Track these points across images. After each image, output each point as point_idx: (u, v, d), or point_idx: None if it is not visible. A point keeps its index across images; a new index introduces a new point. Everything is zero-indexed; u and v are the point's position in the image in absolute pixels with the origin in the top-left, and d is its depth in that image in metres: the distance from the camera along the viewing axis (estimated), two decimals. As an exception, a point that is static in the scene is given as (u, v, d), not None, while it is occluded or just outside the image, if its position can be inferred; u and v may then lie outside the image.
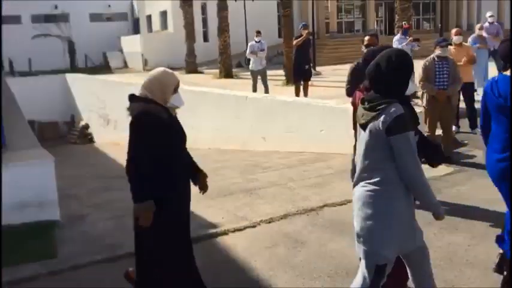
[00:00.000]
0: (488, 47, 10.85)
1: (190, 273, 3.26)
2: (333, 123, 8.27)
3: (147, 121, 2.96)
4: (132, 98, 3.10)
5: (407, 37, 11.00)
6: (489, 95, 3.36)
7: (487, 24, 12.59)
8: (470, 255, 4.02)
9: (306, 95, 11.85)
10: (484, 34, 11.00)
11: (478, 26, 11.60)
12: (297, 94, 11.86)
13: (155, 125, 2.97)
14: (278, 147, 9.08)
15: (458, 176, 6.10)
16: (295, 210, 5.21)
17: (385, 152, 2.60)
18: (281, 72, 16.31)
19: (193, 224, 5.09)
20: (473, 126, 8.25)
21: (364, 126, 2.68)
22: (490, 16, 12.61)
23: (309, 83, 12.16)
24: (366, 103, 2.68)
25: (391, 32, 26.99)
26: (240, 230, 4.82)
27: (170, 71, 3.23)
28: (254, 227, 4.88)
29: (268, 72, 13.18)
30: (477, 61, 8.80)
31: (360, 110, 2.73)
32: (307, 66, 12.01)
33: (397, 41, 10.99)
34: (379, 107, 2.59)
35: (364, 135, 2.69)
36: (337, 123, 8.16)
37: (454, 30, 8.56)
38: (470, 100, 8.29)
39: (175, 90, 3.14)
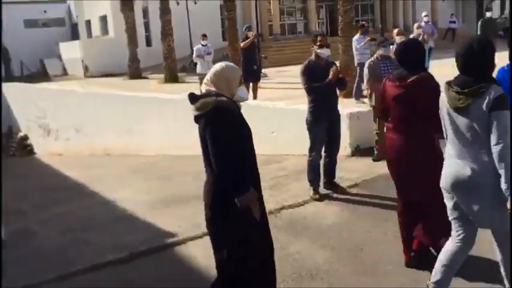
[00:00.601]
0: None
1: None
2: (283, 125, 8.30)
3: (227, 113, 2.88)
4: (193, 96, 2.99)
5: (366, 37, 11.26)
6: (503, 83, 3.49)
7: (423, 23, 13.12)
8: (428, 249, 4.10)
9: (255, 96, 11.90)
10: (421, 32, 11.44)
11: (416, 25, 12.04)
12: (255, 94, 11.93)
13: (234, 116, 2.93)
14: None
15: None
16: (253, 214, 5.15)
17: (485, 132, 2.73)
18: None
19: (149, 234, 4.96)
20: None
21: (462, 109, 2.80)
22: (425, 16, 13.12)
23: (258, 84, 12.19)
24: (460, 87, 2.82)
25: (333, 33, 27.61)
26: (198, 237, 4.70)
27: (232, 63, 3.21)
28: (213, 233, 4.77)
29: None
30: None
31: (453, 94, 2.84)
32: (255, 67, 12.08)
33: (356, 41, 11.22)
34: (481, 90, 2.73)
35: (461, 118, 2.82)
36: (288, 125, 8.20)
37: (395, 31, 8.82)
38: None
39: (240, 83, 3.13)
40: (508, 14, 38.52)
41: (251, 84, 11.88)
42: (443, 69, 13.81)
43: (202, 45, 12.42)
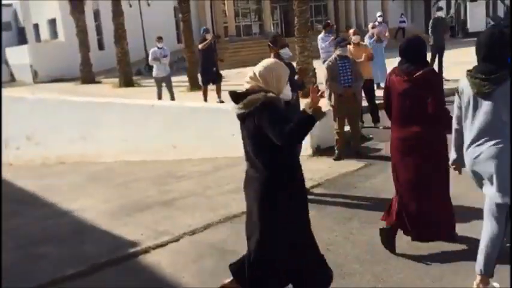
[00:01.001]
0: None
1: None
2: (244, 127, 8.24)
3: (278, 107, 2.92)
4: (237, 95, 3.01)
5: (331, 36, 11.45)
6: None
7: (377, 23, 13.38)
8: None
9: (219, 96, 11.92)
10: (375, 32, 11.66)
11: (370, 24, 12.26)
12: (206, 98, 11.83)
13: (282, 112, 2.92)
14: (190, 155, 8.87)
15: (369, 169, 6.34)
16: (218, 219, 5.07)
17: (508, 114, 3.01)
18: (184, 78, 16.06)
19: (110, 245, 4.78)
20: (375, 120, 8.67)
21: (488, 95, 3.05)
22: (379, 16, 13.40)
23: (217, 86, 12.15)
24: (484, 75, 3.06)
25: (288, 34, 27.79)
26: (162, 245, 4.58)
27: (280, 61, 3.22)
28: (177, 240, 4.66)
29: (171, 79, 12.89)
30: (375, 57, 9.27)
31: (477, 81, 3.07)
32: (214, 69, 12.10)
33: (321, 39, 11.36)
34: (505, 77, 3.01)
35: (486, 103, 3.07)
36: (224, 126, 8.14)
37: (351, 30, 8.94)
38: (371, 96, 8.69)
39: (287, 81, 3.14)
40: (453, 13, 40.04)
41: (214, 86, 11.94)
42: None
43: (158, 47, 12.20)
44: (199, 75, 15.51)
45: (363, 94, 8.54)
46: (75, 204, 6.14)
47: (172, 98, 12.04)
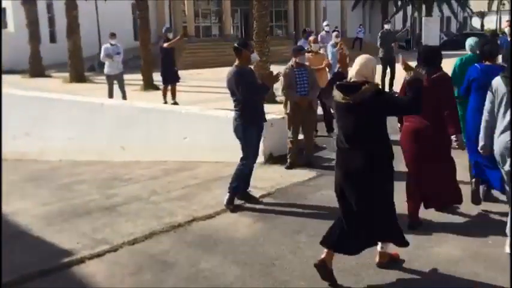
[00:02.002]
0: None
1: None
2: (197, 130, 8.01)
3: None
4: (348, 87, 3.54)
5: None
6: (479, 79, 4.85)
7: (323, 33, 13.47)
8: (340, 261, 4.02)
9: (174, 97, 11.73)
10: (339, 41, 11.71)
11: (334, 33, 12.31)
12: (165, 98, 11.67)
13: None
14: (139, 157, 8.54)
15: (321, 180, 6.24)
16: (161, 228, 4.81)
17: None
18: (138, 76, 15.61)
19: (43, 253, 4.44)
20: (329, 129, 8.62)
21: None
22: (326, 25, 13.46)
23: (173, 86, 11.95)
24: None
25: (248, 38, 27.71)
26: (99, 255, 4.29)
27: None
28: (115, 250, 4.38)
29: (125, 77, 12.49)
30: (334, 65, 9.22)
31: (508, 81, 3.83)
32: (176, 69, 11.93)
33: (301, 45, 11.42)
34: None
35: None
36: (201, 130, 7.93)
37: (311, 38, 8.86)
38: (326, 105, 8.63)
39: None
40: (409, 27, 41.14)
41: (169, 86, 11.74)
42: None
43: (111, 44, 11.78)
44: (154, 75, 15.18)
45: (319, 103, 8.51)
46: (9, 206, 5.72)
47: (124, 97, 11.65)
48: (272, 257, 4.14)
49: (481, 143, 4.14)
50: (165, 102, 11.69)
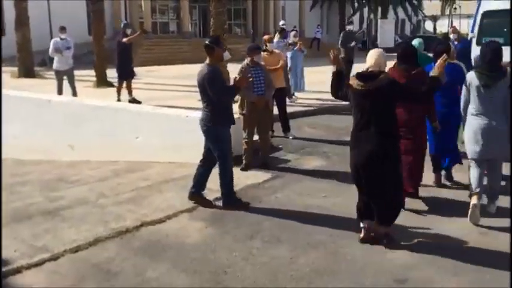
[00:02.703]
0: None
1: None
2: (149, 129, 7.73)
3: None
4: (365, 76, 4.11)
5: (285, 40, 11.50)
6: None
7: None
8: (294, 268, 3.90)
9: (131, 94, 11.48)
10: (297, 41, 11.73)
11: (293, 33, 12.27)
12: (120, 95, 11.41)
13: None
14: (88, 156, 8.17)
15: (275, 182, 6.11)
16: (107, 234, 4.55)
17: (504, 99, 4.62)
18: (92, 72, 15.08)
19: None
20: (286, 129, 8.53)
21: (491, 86, 4.64)
22: (282, 24, 13.42)
23: (128, 83, 11.68)
24: (490, 72, 4.64)
25: (206, 35, 27.34)
26: (38, 264, 3.99)
27: None
28: (56, 259, 4.08)
29: (77, 73, 12.01)
30: (294, 65, 9.23)
31: (485, 77, 4.65)
32: (132, 65, 11.70)
33: (275, 44, 11.11)
34: (504, 75, 4.67)
35: (489, 91, 4.66)
36: (154, 129, 7.66)
37: (266, 37, 8.73)
38: (283, 104, 8.53)
39: None
40: (365, 29, 41.86)
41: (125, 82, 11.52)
42: (319, 76, 14.02)
43: (61, 38, 11.26)
44: (109, 71, 14.70)
45: (274, 103, 8.39)
46: None
47: (74, 94, 11.17)
48: (224, 264, 3.97)
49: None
50: (119, 100, 11.33)
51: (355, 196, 5.40)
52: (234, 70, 9.10)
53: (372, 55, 4.18)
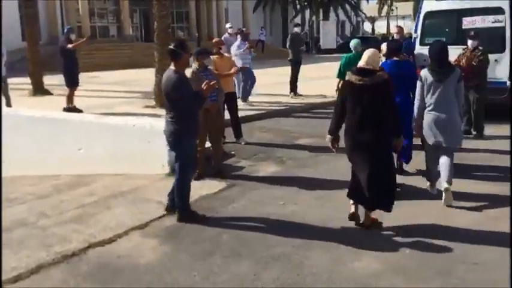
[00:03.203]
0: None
1: None
2: (93, 140, 7.27)
3: None
4: (364, 72, 4.44)
5: (246, 42, 11.71)
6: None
7: (226, 35, 13.24)
8: (258, 286, 3.68)
9: (72, 102, 11.01)
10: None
11: (239, 36, 12.09)
12: (72, 102, 10.96)
13: None
14: (26, 171, 7.58)
15: (231, 191, 5.86)
16: (51, 259, 4.13)
17: (454, 93, 5.19)
18: (27, 80, 14.22)
19: None
20: (238, 136, 8.30)
21: (442, 80, 5.18)
22: (230, 27, 13.26)
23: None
24: (440, 69, 5.22)
25: (148, 40, 26.70)
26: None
27: None
28: (-7, 292, 3.66)
29: (12, 81, 11.24)
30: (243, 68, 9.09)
31: (435, 72, 5.21)
32: (78, 72, 11.22)
33: (237, 47, 11.51)
34: (453, 71, 5.27)
35: (440, 85, 5.19)
36: (98, 140, 7.21)
37: (218, 39, 8.49)
38: (234, 109, 8.30)
39: None
40: (307, 30, 42.43)
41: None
42: (265, 78, 13.88)
43: (-9, 44, 10.48)
44: (46, 78, 13.96)
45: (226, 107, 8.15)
46: None
47: (8, 104, 10.43)
48: (182, 286, 3.68)
49: (415, 122, 5.43)
50: (74, 107, 10.87)
51: (313, 202, 5.25)
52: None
53: (367, 54, 4.55)
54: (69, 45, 10.89)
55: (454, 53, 9.32)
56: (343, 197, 5.50)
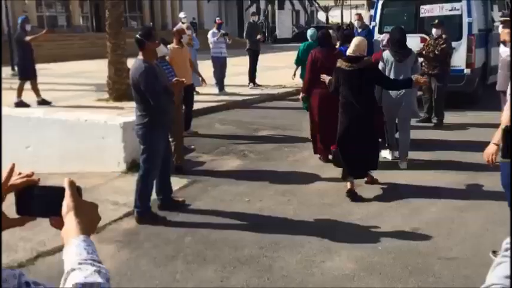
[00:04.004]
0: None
1: None
2: (42, 137, 6.78)
3: None
4: (353, 58, 5.08)
5: (220, 31, 11.68)
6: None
7: (180, 24, 12.81)
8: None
9: (39, 96, 10.49)
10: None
11: (185, 25, 11.69)
12: (21, 96, 10.32)
13: None
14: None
15: (193, 188, 5.56)
16: (-5, 272, 3.74)
17: (410, 70, 5.95)
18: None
19: None
20: (187, 127, 7.90)
21: (401, 61, 5.98)
22: (184, 17, 12.86)
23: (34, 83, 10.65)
24: (399, 50, 6.05)
25: (99, 30, 25.69)
26: None
27: None
28: None
29: None
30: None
31: (396, 54, 6.00)
32: (34, 64, 10.69)
33: (211, 34, 11.60)
34: (410, 52, 6.12)
35: (400, 65, 5.98)
36: (48, 137, 6.73)
37: (180, 28, 8.07)
38: (190, 102, 7.92)
39: None
40: (263, 20, 42.17)
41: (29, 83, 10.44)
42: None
43: None
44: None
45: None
46: None
47: None
48: (144, 296, 3.39)
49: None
50: (21, 101, 10.23)
51: (279, 198, 5.05)
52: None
53: (355, 43, 5.14)
54: (27, 38, 10.37)
55: (412, 41, 9.41)
56: (309, 191, 5.36)
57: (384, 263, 3.75)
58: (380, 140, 6.06)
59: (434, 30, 8.19)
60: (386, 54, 6.09)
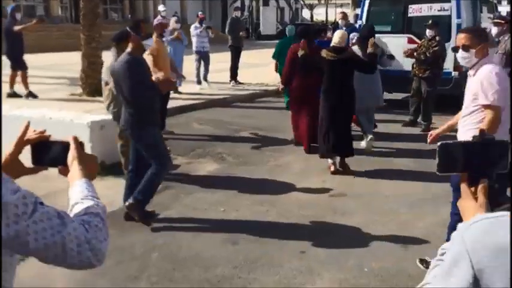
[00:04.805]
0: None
1: None
2: (4, 136, 6.27)
3: None
4: (338, 49, 5.69)
5: (203, 25, 11.72)
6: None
7: (159, 17, 12.34)
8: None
9: (27, 88, 10.05)
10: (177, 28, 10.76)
11: (174, 18, 11.29)
12: (13, 86, 10.05)
13: None
14: None
15: (164, 195, 5.11)
16: None
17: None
18: None
19: None
20: (162, 126, 7.46)
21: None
22: (163, 10, 12.42)
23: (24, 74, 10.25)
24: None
25: (78, 21, 24.97)
26: None
27: None
28: None
29: None
30: (174, 57, 8.41)
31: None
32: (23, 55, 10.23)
33: (194, 28, 11.71)
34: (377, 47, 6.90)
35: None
36: (10, 136, 6.17)
37: (164, 22, 7.68)
38: (165, 100, 7.48)
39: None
40: (247, 16, 41.69)
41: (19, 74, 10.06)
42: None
43: None
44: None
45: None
46: None
47: None
48: (99, 326, 2.98)
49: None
50: (14, 93, 9.94)
51: (256, 208, 4.71)
52: (106, 59, 7.83)
53: (337, 35, 5.76)
54: (16, 28, 9.87)
55: (399, 42, 9.12)
56: (289, 201, 4.99)
57: (370, 285, 3.40)
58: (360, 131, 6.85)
59: (427, 31, 7.87)
60: (355, 49, 6.82)
